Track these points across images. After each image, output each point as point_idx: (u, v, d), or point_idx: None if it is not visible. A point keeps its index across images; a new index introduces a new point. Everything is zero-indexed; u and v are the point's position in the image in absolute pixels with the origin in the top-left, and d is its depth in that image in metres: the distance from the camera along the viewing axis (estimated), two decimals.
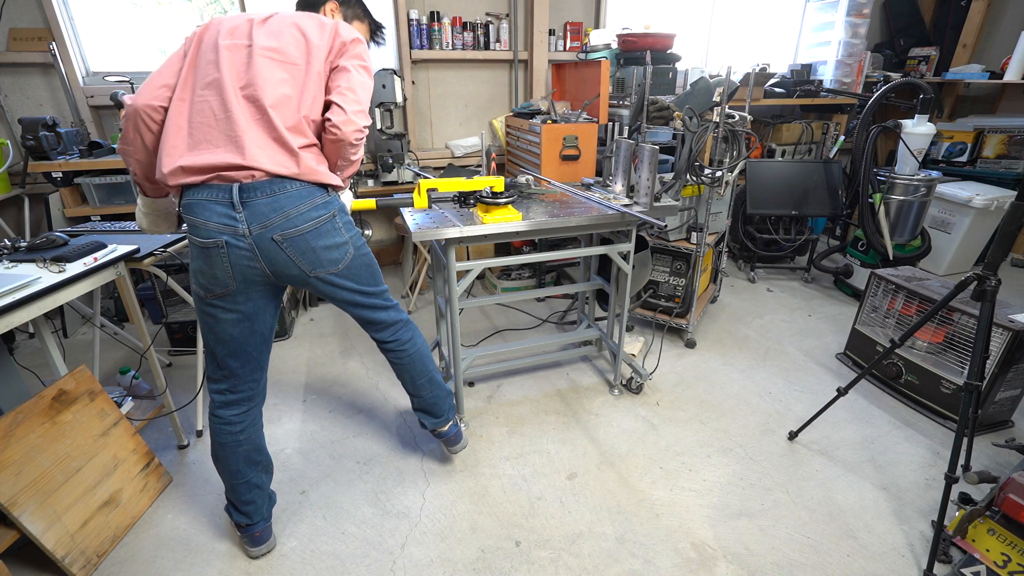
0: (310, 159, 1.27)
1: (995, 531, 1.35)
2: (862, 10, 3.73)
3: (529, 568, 1.49)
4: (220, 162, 1.19)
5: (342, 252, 1.36)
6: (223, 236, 1.22)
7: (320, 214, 1.29)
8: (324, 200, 1.30)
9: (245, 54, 1.24)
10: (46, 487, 1.44)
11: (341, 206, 1.37)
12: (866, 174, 2.94)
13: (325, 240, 1.31)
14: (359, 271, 1.42)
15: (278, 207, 1.23)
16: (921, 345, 2.20)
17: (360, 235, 1.42)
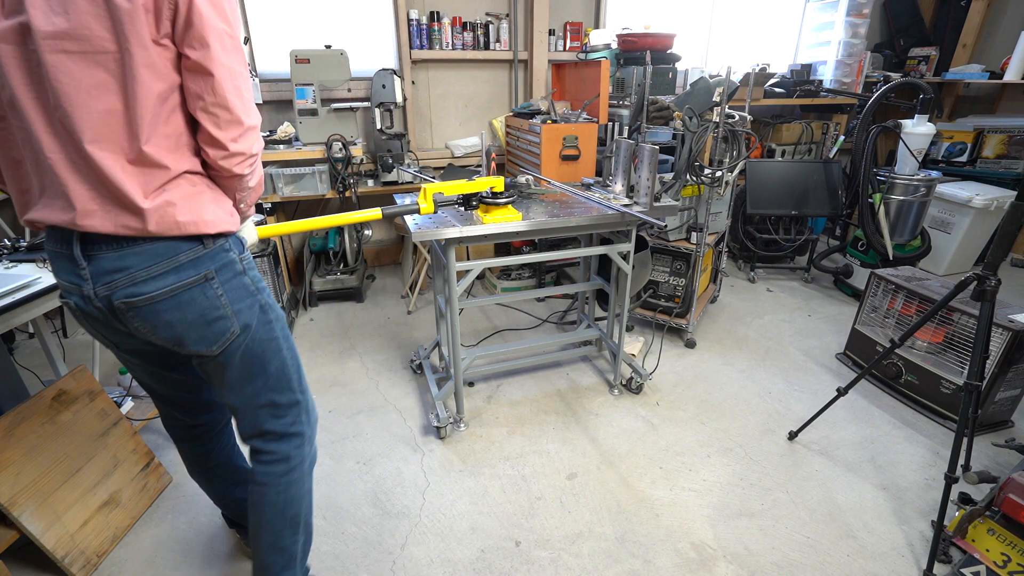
0: (167, 206, 0.90)
1: (995, 531, 1.35)
2: (862, 10, 3.73)
3: (529, 568, 1.49)
4: (55, 220, 0.90)
5: (218, 330, 0.99)
6: (71, 297, 0.96)
7: (182, 278, 0.94)
8: (193, 257, 0.94)
9: (23, 52, 0.81)
10: (46, 487, 1.44)
11: (225, 263, 0.99)
12: (866, 174, 2.94)
13: (188, 313, 0.96)
14: (249, 362, 1.05)
15: (124, 265, 0.91)
16: (921, 345, 2.20)
17: (260, 305, 1.05)
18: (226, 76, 0.88)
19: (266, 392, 1.11)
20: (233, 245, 1.01)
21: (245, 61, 0.97)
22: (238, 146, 0.93)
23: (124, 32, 0.81)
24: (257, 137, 0.97)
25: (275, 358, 1.09)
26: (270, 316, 1.07)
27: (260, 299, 1.06)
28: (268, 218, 2.77)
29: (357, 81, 3.18)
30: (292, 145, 2.87)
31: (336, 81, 2.85)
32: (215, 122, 0.90)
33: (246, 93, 0.93)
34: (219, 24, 0.87)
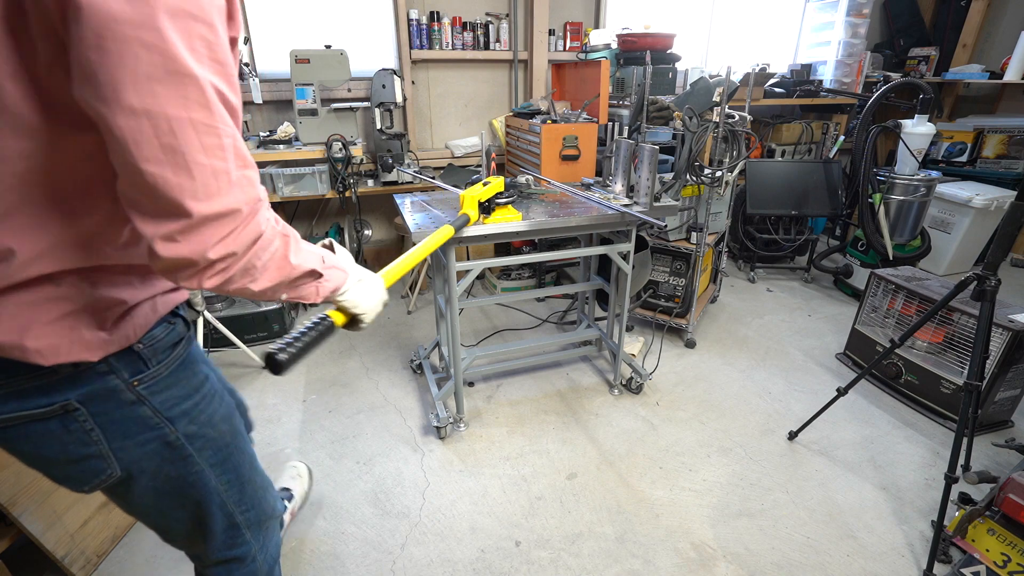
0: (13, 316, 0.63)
1: (995, 531, 1.35)
2: (862, 10, 3.73)
3: (529, 568, 1.49)
4: None
5: (87, 470, 0.74)
6: None
7: (26, 407, 0.67)
8: (39, 383, 0.67)
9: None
10: (46, 487, 1.44)
11: (100, 391, 0.70)
12: (866, 174, 2.94)
13: (44, 448, 0.71)
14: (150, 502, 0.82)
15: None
16: (921, 345, 2.20)
17: (166, 441, 0.77)
18: (144, 130, 0.52)
19: (187, 523, 0.88)
20: (123, 365, 0.71)
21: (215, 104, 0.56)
22: (176, 249, 0.56)
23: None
24: (230, 231, 0.58)
25: (196, 491, 0.84)
26: (186, 450, 0.79)
27: (166, 432, 0.77)
28: None
29: (357, 81, 3.18)
30: (292, 145, 2.87)
31: (336, 81, 2.85)
32: (137, 216, 0.56)
33: (200, 156, 0.54)
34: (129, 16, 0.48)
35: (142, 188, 0.54)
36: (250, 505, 0.95)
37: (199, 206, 0.55)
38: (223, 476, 0.88)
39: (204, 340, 2.07)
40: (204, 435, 0.82)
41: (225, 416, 0.88)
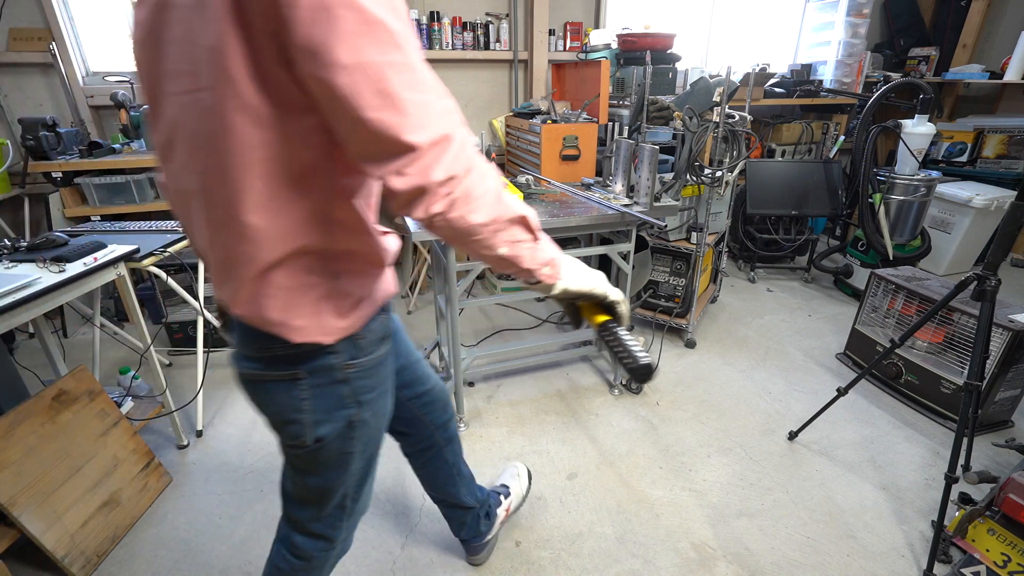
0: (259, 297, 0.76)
1: (995, 531, 1.35)
2: (862, 10, 3.73)
3: (529, 568, 1.49)
4: None
5: (290, 432, 0.87)
6: None
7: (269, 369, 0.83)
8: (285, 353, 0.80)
9: None
10: (46, 487, 1.44)
11: (322, 367, 0.82)
12: (866, 174, 2.94)
13: (268, 404, 0.87)
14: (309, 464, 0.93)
15: (234, 331, 0.85)
16: (921, 345, 2.19)
17: (349, 421, 0.87)
18: (358, 84, 0.59)
19: (313, 492, 0.98)
20: (343, 348, 0.82)
21: (404, 41, 0.61)
22: (406, 180, 0.62)
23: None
24: (444, 153, 0.64)
25: (338, 470, 0.94)
26: (355, 433, 0.89)
27: (352, 414, 0.87)
28: None
29: None
30: None
31: None
32: (369, 162, 0.64)
33: (404, 92, 0.60)
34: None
35: (368, 136, 0.61)
36: (361, 497, 1.03)
37: (416, 138, 0.61)
38: (361, 464, 0.96)
39: (204, 340, 2.07)
40: (369, 424, 0.91)
41: (386, 413, 0.96)
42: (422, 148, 0.62)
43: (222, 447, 1.98)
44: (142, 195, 2.72)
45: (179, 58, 0.65)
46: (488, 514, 1.47)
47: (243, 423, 2.11)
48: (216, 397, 2.28)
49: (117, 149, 2.71)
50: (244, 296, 0.75)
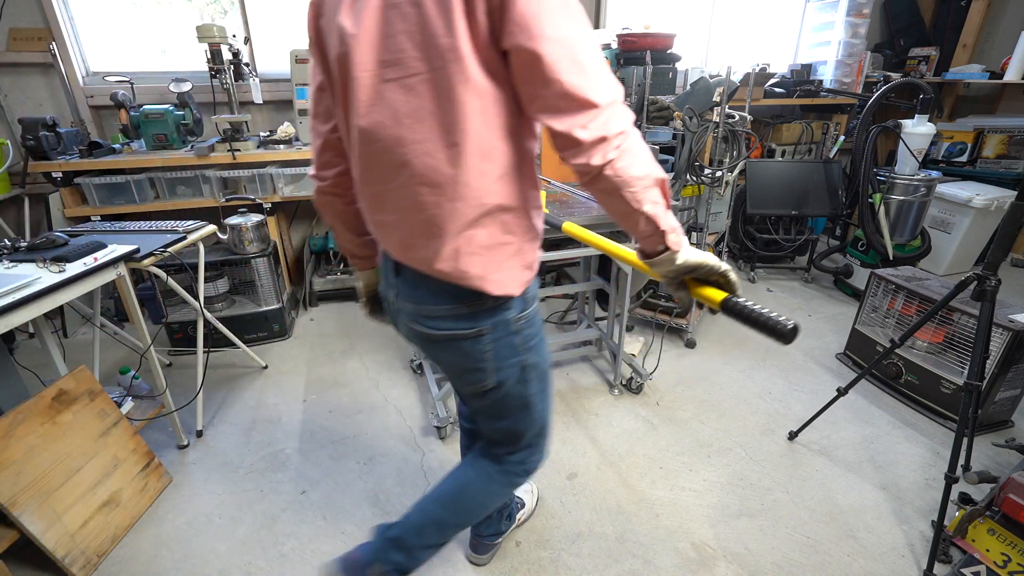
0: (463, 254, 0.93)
1: (995, 531, 1.35)
2: (862, 10, 3.73)
3: (529, 568, 1.49)
4: None
5: (473, 379, 1.02)
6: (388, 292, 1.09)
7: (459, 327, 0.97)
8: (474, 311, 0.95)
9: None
10: (46, 487, 1.44)
11: (501, 321, 0.96)
12: (866, 174, 2.94)
13: (454, 357, 1.02)
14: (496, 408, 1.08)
15: (417, 294, 0.99)
16: (921, 345, 2.20)
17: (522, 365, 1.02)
18: (559, 53, 0.72)
19: (505, 431, 1.13)
20: (515, 304, 0.95)
21: (583, 17, 0.75)
22: (590, 132, 0.74)
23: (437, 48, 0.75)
24: (617, 112, 0.76)
25: (520, 412, 1.08)
26: (529, 376, 1.03)
27: (524, 359, 1.00)
28: (268, 218, 2.77)
29: None
30: (292, 145, 2.87)
31: None
32: (558, 118, 0.75)
33: (590, 62, 0.74)
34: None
35: (563, 95, 0.73)
36: (548, 422, 1.18)
37: (599, 97, 0.74)
38: (541, 398, 1.10)
39: (204, 340, 2.08)
40: (539, 366, 1.05)
41: (548, 356, 1.11)
42: (603, 107, 0.74)
43: (222, 447, 1.98)
44: (142, 195, 2.72)
45: (401, 48, 0.77)
46: (509, 515, 1.52)
47: (243, 423, 2.11)
48: (216, 397, 2.28)
49: (117, 149, 2.71)
50: (447, 253, 0.85)
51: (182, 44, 3.02)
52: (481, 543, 1.49)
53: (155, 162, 2.65)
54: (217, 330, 2.36)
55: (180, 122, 2.77)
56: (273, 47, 3.13)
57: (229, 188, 2.92)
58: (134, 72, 2.92)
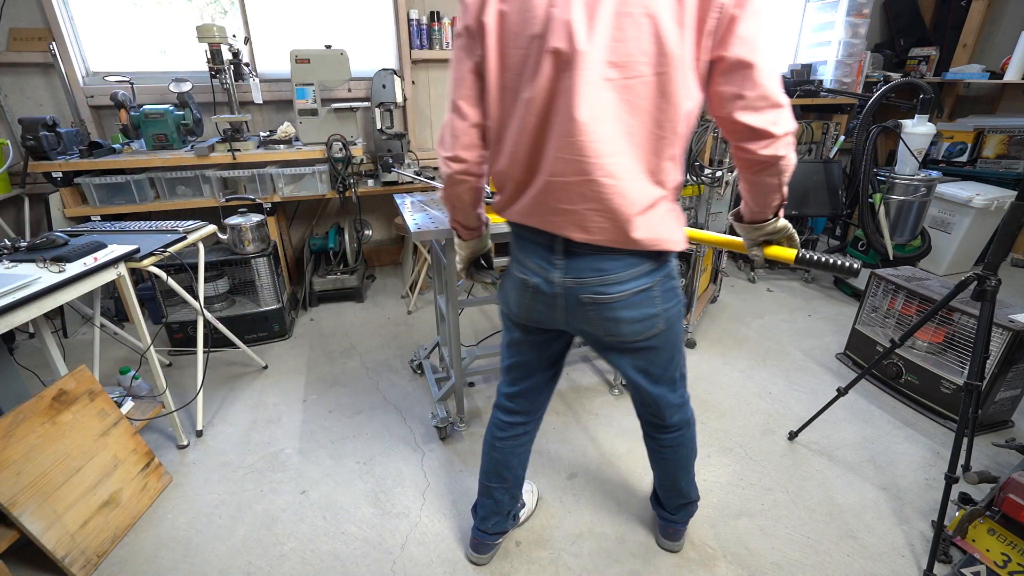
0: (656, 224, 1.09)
1: (995, 531, 1.35)
2: (862, 10, 3.73)
3: (529, 568, 1.49)
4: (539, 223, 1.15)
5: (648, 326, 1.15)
6: (533, 277, 1.14)
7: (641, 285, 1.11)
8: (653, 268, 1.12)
9: None
10: (46, 487, 1.44)
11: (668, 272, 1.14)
12: (866, 174, 2.94)
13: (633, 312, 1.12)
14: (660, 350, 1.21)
15: (600, 267, 1.09)
16: (921, 345, 2.20)
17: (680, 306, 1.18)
18: (766, 64, 0.87)
19: (668, 372, 1.26)
20: (672, 255, 1.12)
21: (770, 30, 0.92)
22: (780, 127, 0.90)
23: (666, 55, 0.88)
24: (790, 113, 0.92)
25: (676, 347, 1.23)
26: (679, 311, 1.18)
27: (678, 298, 1.17)
28: (268, 218, 2.77)
29: (357, 81, 3.18)
30: (292, 145, 2.87)
31: (336, 81, 2.85)
32: (756, 115, 0.89)
33: (777, 72, 0.90)
34: (757, 4, 0.87)
35: (763, 97, 0.88)
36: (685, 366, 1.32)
37: (784, 100, 0.90)
38: (679, 343, 1.24)
39: (204, 340, 2.08)
40: (679, 314, 1.18)
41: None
42: (784, 107, 0.90)
43: (222, 447, 1.98)
44: (142, 195, 2.72)
45: (630, 53, 0.88)
46: (515, 516, 1.57)
47: (243, 423, 2.11)
48: (216, 397, 2.28)
49: (117, 149, 2.71)
50: (643, 225, 0.99)
51: (182, 44, 3.02)
52: (483, 543, 1.49)
53: (155, 162, 2.65)
54: (217, 330, 2.37)
55: (180, 122, 2.77)
56: (273, 47, 3.13)
57: (229, 188, 2.92)
58: (134, 72, 2.92)
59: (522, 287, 1.15)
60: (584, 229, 1.00)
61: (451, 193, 1.13)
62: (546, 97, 0.93)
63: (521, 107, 0.96)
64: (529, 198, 1.03)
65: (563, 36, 0.88)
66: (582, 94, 0.89)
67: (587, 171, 0.94)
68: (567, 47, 0.88)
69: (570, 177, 0.96)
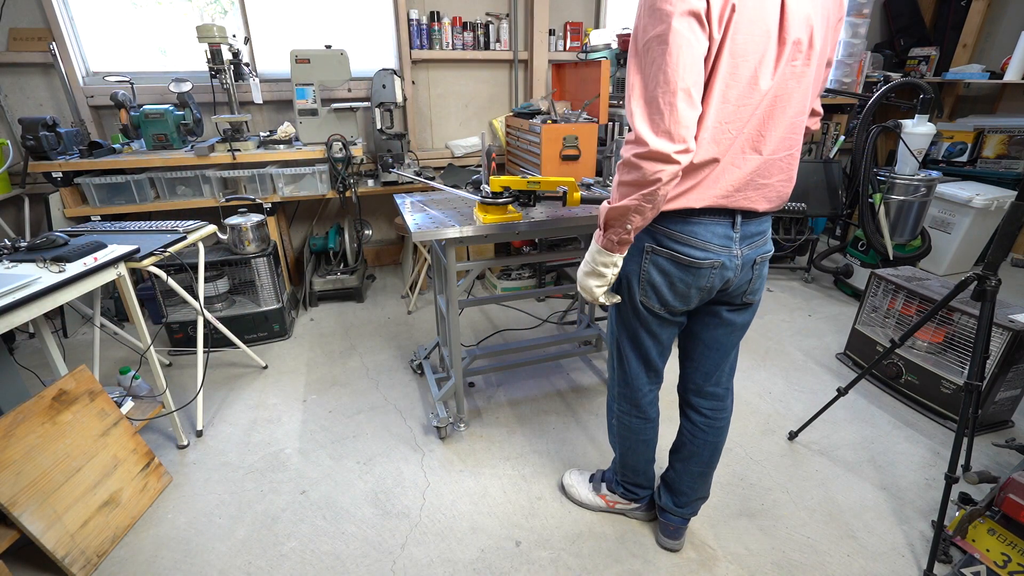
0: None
1: (995, 531, 1.35)
2: (862, 10, 3.73)
3: (529, 568, 1.49)
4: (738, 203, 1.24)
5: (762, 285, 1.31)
6: (720, 257, 1.17)
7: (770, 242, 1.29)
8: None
9: None
10: (46, 487, 1.44)
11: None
12: (866, 174, 2.94)
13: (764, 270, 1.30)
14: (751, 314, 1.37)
15: (762, 230, 1.23)
16: (921, 345, 2.20)
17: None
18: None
19: (732, 357, 1.39)
20: None
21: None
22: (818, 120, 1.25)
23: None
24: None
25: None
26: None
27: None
28: (268, 218, 2.77)
29: (357, 81, 3.18)
30: (292, 145, 2.87)
31: (336, 81, 2.85)
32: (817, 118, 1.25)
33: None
34: None
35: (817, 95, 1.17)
36: None
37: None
38: None
39: (204, 340, 2.08)
40: None
41: None
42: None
43: (222, 447, 1.98)
44: (142, 195, 2.72)
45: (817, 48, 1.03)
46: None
47: (243, 423, 2.11)
48: (216, 397, 2.28)
49: (117, 149, 2.71)
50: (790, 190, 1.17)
51: (182, 44, 3.02)
52: (680, 528, 1.53)
53: (155, 162, 2.65)
54: (217, 330, 2.37)
55: (180, 122, 2.77)
56: (273, 47, 3.13)
57: (229, 188, 2.92)
58: (134, 72, 2.92)
59: (697, 272, 1.16)
60: (768, 200, 1.12)
61: (660, 194, 1.00)
62: (783, 83, 1.02)
63: (757, 94, 1.00)
64: (736, 179, 1.08)
65: (804, 29, 0.99)
66: (813, 82, 1.07)
67: (792, 146, 1.11)
68: (807, 39, 1.00)
69: (781, 153, 1.09)
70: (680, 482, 1.49)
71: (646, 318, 1.28)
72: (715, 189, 1.07)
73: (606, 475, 1.69)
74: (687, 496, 1.49)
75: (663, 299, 1.22)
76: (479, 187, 1.94)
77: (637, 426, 1.46)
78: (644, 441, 1.49)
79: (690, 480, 1.47)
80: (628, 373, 1.40)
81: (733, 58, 0.96)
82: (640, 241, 1.18)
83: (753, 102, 1.01)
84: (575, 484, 1.72)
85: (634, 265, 1.21)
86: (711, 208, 1.10)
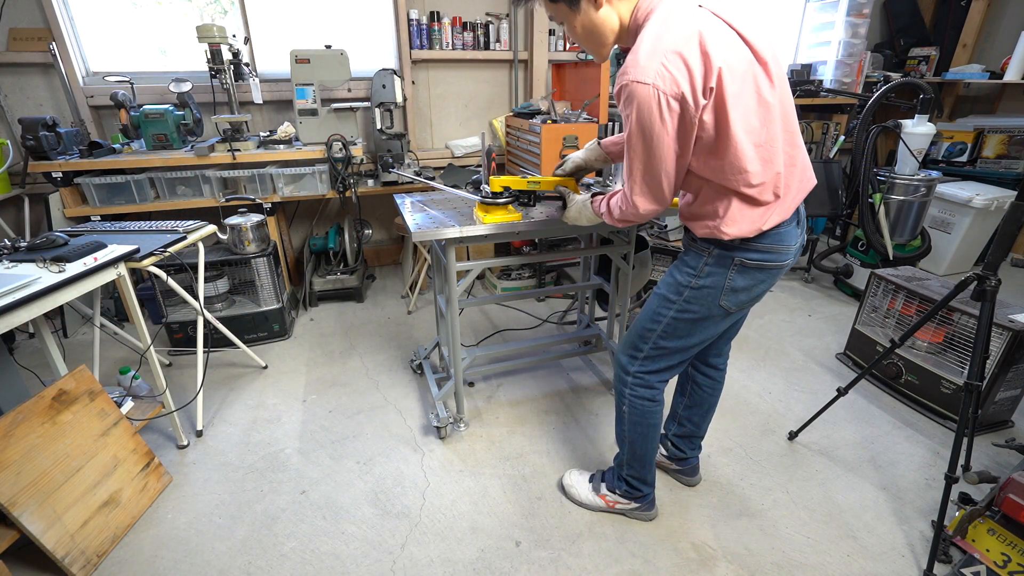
0: None
1: (995, 531, 1.35)
2: (862, 10, 3.73)
3: (529, 568, 1.49)
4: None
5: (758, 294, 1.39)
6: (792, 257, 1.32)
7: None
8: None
9: None
10: (46, 487, 1.44)
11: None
12: (866, 174, 2.94)
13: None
14: None
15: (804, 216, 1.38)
16: (921, 345, 2.20)
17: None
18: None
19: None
20: None
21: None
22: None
23: None
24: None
25: None
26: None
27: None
28: (268, 218, 2.77)
29: (357, 81, 3.18)
30: (292, 145, 2.87)
31: (336, 81, 2.85)
32: None
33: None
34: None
35: None
36: None
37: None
38: None
39: (204, 340, 2.07)
40: None
41: None
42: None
43: (222, 447, 1.98)
44: (142, 195, 2.72)
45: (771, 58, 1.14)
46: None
47: (243, 423, 2.11)
48: (216, 397, 2.28)
49: (117, 149, 2.71)
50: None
51: (182, 44, 3.02)
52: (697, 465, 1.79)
53: (155, 162, 2.65)
54: (217, 330, 2.37)
55: (180, 122, 2.77)
56: (273, 47, 3.13)
57: (229, 188, 2.92)
58: (134, 72, 2.92)
59: (779, 271, 1.29)
60: (799, 183, 1.23)
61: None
62: (782, 89, 1.16)
63: (771, 108, 1.13)
64: (794, 177, 1.22)
65: (766, 47, 1.12)
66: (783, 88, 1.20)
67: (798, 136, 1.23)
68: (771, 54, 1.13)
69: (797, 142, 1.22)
70: (691, 433, 1.72)
71: (718, 314, 1.34)
72: (790, 195, 1.22)
73: (606, 475, 1.69)
74: (699, 439, 1.74)
75: (740, 302, 1.31)
76: (479, 187, 1.94)
77: (648, 409, 1.48)
78: (653, 426, 1.51)
79: (703, 426, 1.71)
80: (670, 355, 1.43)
81: (736, 99, 1.07)
82: (726, 258, 1.26)
83: (773, 116, 1.13)
84: (575, 484, 1.72)
85: (719, 278, 1.28)
86: (789, 212, 1.24)
